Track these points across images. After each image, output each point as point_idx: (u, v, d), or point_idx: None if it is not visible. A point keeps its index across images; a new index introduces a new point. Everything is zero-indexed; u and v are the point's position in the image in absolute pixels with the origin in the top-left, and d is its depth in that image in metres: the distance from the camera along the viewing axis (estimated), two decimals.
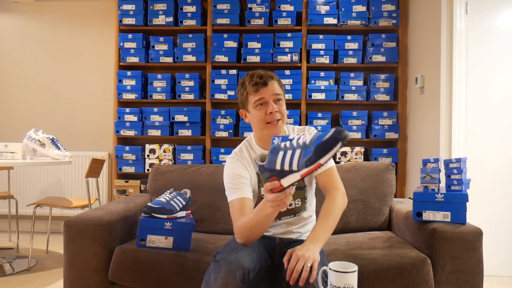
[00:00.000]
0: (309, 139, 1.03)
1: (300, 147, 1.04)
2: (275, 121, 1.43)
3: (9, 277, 2.54)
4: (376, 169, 2.06)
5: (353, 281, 1.22)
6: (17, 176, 3.79)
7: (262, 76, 1.45)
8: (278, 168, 1.06)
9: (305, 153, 1.02)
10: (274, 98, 1.44)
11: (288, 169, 1.05)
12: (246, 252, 1.27)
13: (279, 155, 1.06)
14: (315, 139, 1.02)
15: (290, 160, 1.04)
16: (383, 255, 1.56)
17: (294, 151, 1.05)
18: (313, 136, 1.04)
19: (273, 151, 1.08)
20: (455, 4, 2.64)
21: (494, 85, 2.65)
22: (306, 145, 1.03)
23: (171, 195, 1.68)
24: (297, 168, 1.03)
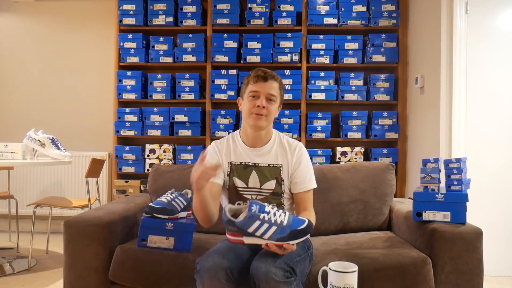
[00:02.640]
0: (286, 222, 1.26)
1: (277, 225, 1.25)
2: (259, 114, 1.50)
3: (9, 277, 2.54)
4: (376, 169, 2.06)
5: (353, 281, 1.22)
6: (17, 176, 3.79)
7: (266, 73, 1.52)
8: (249, 231, 1.24)
9: (280, 232, 1.24)
10: (267, 97, 1.51)
11: (258, 236, 1.24)
12: (222, 254, 1.30)
13: (256, 223, 1.23)
14: (291, 224, 1.26)
15: (264, 231, 1.24)
16: (384, 254, 1.56)
17: (270, 226, 1.24)
18: (289, 221, 1.27)
19: (251, 217, 1.23)
20: (455, 4, 2.64)
21: (494, 85, 2.65)
22: (282, 226, 1.25)
23: (173, 195, 1.68)
24: (267, 240, 1.25)
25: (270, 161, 1.58)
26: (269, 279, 1.18)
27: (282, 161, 1.58)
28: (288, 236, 1.23)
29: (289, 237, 1.23)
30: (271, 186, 1.55)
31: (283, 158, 1.59)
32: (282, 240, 1.23)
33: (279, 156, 1.59)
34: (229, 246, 1.39)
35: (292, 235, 1.24)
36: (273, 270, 1.20)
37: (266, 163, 1.58)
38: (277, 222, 1.24)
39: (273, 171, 1.57)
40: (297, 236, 1.24)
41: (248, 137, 1.60)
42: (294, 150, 1.60)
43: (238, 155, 1.59)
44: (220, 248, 1.36)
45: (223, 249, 1.36)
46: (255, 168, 1.57)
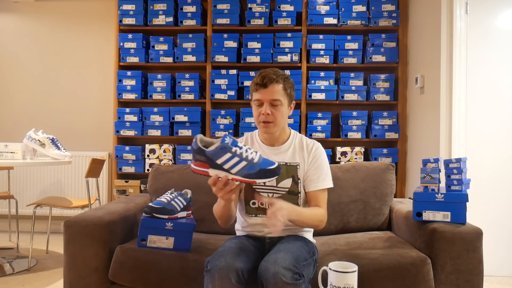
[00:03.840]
0: (256, 159, 1.26)
1: (247, 161, 1.24)
2: (267, 122, 1.50)
3: (9, 277, 2.54)
4: (376, 169, 2.06)
5: (353, 281, 1.22)
6: (17, 176, 3.79)
7: (265, 78, 1.49)
8: (218, 162, 1.23)
9: (248, 168, 1.23)
10: (271, 102, 1.49)
11: (226, 169, 1.24)
12: (235, 254, 1.30)
13: (226, 155, 1.22)
14: (262, 162, 1.26)
15: (233, 165, 1.23)
16: (383, 254, 1.56)
17: (240, 161, 1.23)
18: (260, 159, 1.27)
19: (223, 148, 1.22)
20: (455, 4, 2.64)
21: (494, 85, 2.65)
22: (252, 163, 1.24)
23: (172, 195, 1.68)
24: (234, 175, 1.24)
25: (287, 160, 1.57)
26: (278, 280, 1.18)
27: (299, 160, 1.57)
28: (256, 174, 1.23)
29: (257, 174, 1.23)
30: (287, 184, 1.54)
31: (300, 156, 1.58)
32: (249, 177, 1.23)
33: (296, 155, 1.58)
34: (239, 246, 1.39)
35: (260, 174, 1.23)
36: (282, 271, 1.19)
37: (283, 161, 1.56)
38: (248, 158, 1.24)
39: (289, 169, 1.55)
40: (265, 176, 1.24)
41: (265, 137, 1.61)
42: (311, 148, 1.59)
43: (256, 148, 1.61)
44: (232, 248, 1.35)
45: (235, 249, 1.35)
46: None
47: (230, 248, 1.35)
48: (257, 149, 1.60)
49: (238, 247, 1.38)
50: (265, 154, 1.56)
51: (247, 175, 1.22)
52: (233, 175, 1.23)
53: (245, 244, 1.43)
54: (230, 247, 1.37)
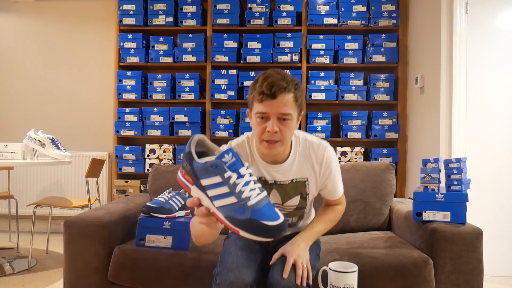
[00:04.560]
0: (253, 201, 0.85)
1: (238, 199, 0.85)
2: (272, 141, 1.22)
3: (9, 277, 2.54)
4: (376, 169, 2.06)
5: (353, 281, 1.22)
6: (17, 176, 3.79)
7: (273, 86, 1.19)
8: (202, 183, 0.88)
9: (236, 209, 0.85)
10: (279, 117, 1.21)
11: (208, 197, 0.88)
12: (244, 266, 1.20)
13: (214, 178, 0.87)
14: (258, 210, 0.85)
15: (218, 195, 0.87)
16: (385, 254, 1.56)
17: (229, 194, 0.86)
18: (258, 204, 0.85)
19: (214, 167, 0.86)
20: (455, 4, 2.64)
21: (494, 85, 2.65)
22: (244, 204, 0.85)
23: (170, 194, 1.68)
24: (216, 208, 0.87)
25: (293, 176, 1.36)
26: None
27: (309, 173, 1.37)
28: (242, 222, 0.84)
29: (243, 223, 0.84)
30: (295, 202, 1.38)
31: (309, 169, 1.37)
32: (232, 222, 0.85)
33: (304, 169, 1.36)
34: (247, 254, 1.27)
35: (249, 225, 0.84)
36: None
37: (288, 179, 1.36)
38: (241, 195, 0.85)
39: (297, 186, 1.37)
40: (254, 230, 0.84)
41: (264, 155, 1.33)
42: (321, 159, 1.36)
43: (256, 169, 1.35)
44: (240, 259, 1.23)
45: (243, 260, 1.23)
46: (276, 186, 1.36)
47: (239, 259, 1.23)
48: (256, 164, 1.35)
49: (246, 256, 1.26)
50: (267, 172, 1.34)
51: (231, 218, 0.85)
52: (215, 209, 0.88)
53: (251, 248, 1.31)
54: (238, 256, 1.24)
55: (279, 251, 1.28)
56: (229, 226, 0.85)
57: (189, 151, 0.93)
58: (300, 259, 1.22)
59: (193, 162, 0.91)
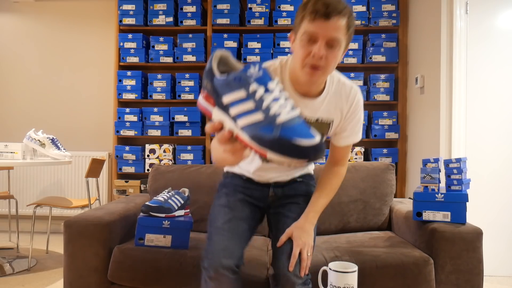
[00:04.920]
0: (282, 118, 0.73)
1: (265, 115, 0.73)
2: (315, 67, 1.12)
3: (9, 277, 2.54)
4: (376, 169, 2.06)
5: (353, 281, 1.22)
6: (17, 176, 3.79)
7: (329, 6, 1.08)
8: (223, 101, 0.77)
9: (263, 128, 0.73)
10: (328, 41, 1.11)
11: (232, 116, 0.77)
12: (230, 248, 1.20)
13: (238, 92, 0.75)
14: (289, 128, 0.72)
15: (242, 113, 0.75)
16: (386, 252, 1.56)
17: (255, 110, 0.74)
18: (290, 121, 0.73)
19: (237, 80, 0.74)
20: (455, 4, 2.64)
21: (494, 85, 2.65)
22: (273, 121, 0.73)
23: (169, 194, 1.68)
24: (239, 129, 0.76)
25: (320, 115, 1.28)
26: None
27: (335, 116, 1.30)
28: (270, 141, 0.72)
29: (271, 143, 0.72)
30: None
31: (337, 112, 1.29)
32: (259, 142, 0.73)
33: (331, 110, 1.29)
34: (236, 229, 1.26)
35: (278, 144, 0.72)
36: (299, 282, 1.19)
37: (314, 117, 1.28)
38: (269, 111, 0.73)
39: (321, 127, 1.31)
40: (285, 151, 0.71)
41: (298, 83, 1.23)
42: (352, 101, 1.30)
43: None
44: (227, 239, 1.23)
45: (231, 239, 1.23)
46: None
47: (225, 240, 1.23)
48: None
49: (233, 230, 1.26)
50: (294, 104, 1.17)
51: (257, 138, 0.73)
52: (238, 130, 0.77)
53: (240, 217, 1.31)
54: (224, 235, 1.24)
55: (286, 232, 1.28)
56: (255, 148, 0.74)
57: (210, 67, 0.80)
58: (306, 249, 1.24)
59: (214, 79, 0.79)
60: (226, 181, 1.48)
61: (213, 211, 1.38)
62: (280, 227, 1.34)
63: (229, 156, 0.82)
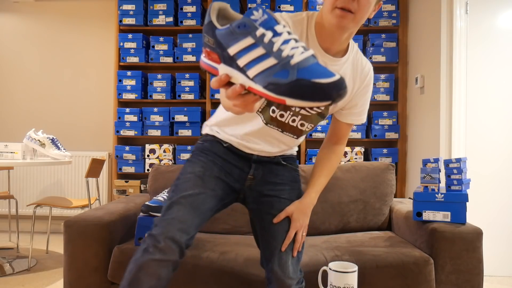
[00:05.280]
0: (298, 58, 0.67)
1: (278, 59, 0.67)
2: (346, 10, 1.04)
3: (9, 277, 2.54)
4: (376, 169, 2.06)
5: (353, 281, 1.22)
6: (17, 176, 3.79)
7: None
8: (230, 52, 0.70)
9: (278, 74, 0.67)
10: None
11: (241, 67, 0.70)
12: (191, 220, 1.12)
13: (245, 40, 0.69)
14: (305, 68, 0.66)
15: (252, 60, 0.69)
16: (386, 252, 1.56)
17: (266, 56, 0.68)
18: (304, 61, 0.67)
19: (242, 27, 0.69)
20: (455, 4, 2.64)
21: (494, 85, 2.66)
22: (287, 64, 0.67)
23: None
24: (251, 81, 0.70)
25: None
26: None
27: (349, 83, 1.23)
28: (288, 86, 0.65)
29: (290, 88, 0.65)
30: (321, 108, 1.21)
31: (350, 80, 1.24)
32: (275, 91, 0.67)
33: (347, 75, 1.22)
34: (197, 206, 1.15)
35: (296, 87, 0.65)
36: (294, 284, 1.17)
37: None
38: (281, 53, 0.68)
39: None
40: (304, 94, 0.65)
41: (323, 34, 1.15)
42: (366, 74, 1.26)
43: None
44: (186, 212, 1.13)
45: (189, 213, 1.13)
46: None
47: (186, 213, 1.13)
48: (309, 45, 1.16)
49: (198, 207, 1.15)
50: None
51: (272, 86, 0.67)
52: (250, 81, 0.70)
53: (210, 195, 1.19)
54: (186, 210, 1.13)
55: (286, 210, 1.23)
56: (271, 97, 0.67)
57: (209, 20, 0.73)
58: (301, 230, 1.22)
59: (215, 31, 0.72)
60: (205, 146, 1.31)
61: (183, 175, 1.23)
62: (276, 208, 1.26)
63: (241, 109, 0.76)
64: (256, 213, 1.30)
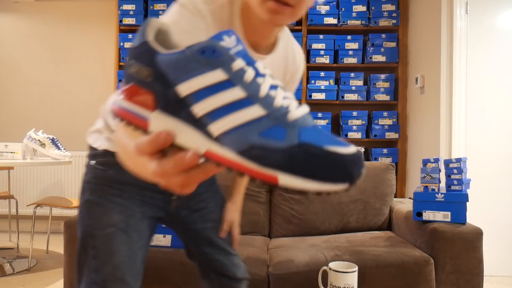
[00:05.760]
0: (297, 113, 0.43)
1: (269, 109, 0.42)
2: (283, 4, 0.72)
3: (9, 277, 2.54)
4: (376, 169, 2.06)
5: (353, 281, 1.22)
6: (17, 176, 3.79)
7: None
8: (179, 93, 0.43)
9: (270, 132, 0.41)
10: None
11: (198, 117, 0.42)
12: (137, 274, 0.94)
13: (212, 75, 0.42)
14: (308, 129, 0.42)
15: (221, 109, 0.42)
16: (387, 252, 1.57)
17: (248, 101, 0.42)
18: (305, 117, 0.44)
19: (209, 54, 0.43)
20: (455, 4, 2.64)
21: (494, 85, 2.66)
22: (283, 118, 0.42)
23: None
24: (215, 136, 0.42)
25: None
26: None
27: (278, 75, 1.01)
28: (288, 154, 0.40)
29: (290, 158, 0.39)
30: None
31: (280, 72, 1.01)
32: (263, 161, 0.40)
33: (276, 70, 0.98)
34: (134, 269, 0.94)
35: (301, 158, 0.39)
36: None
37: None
38: (272, 102, 0.42)
39: None
40: (313, 169, 0.39)
41: (251, 26, 0.84)
42: (297, 68, 1.08)
43: None
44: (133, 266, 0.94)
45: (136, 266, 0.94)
46: None
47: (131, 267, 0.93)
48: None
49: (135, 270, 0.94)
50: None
51: (258, 152, 0.40)
52: (212, 143, 0.42)
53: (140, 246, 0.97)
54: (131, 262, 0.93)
55: (227, 220, 1.16)
56: (251, 171, 0.40)
57: (143, 41, 0.45)
58: (237, 225, 1.21)
59: (156, 57, 0.44)
60: (109, 175, 0.96)
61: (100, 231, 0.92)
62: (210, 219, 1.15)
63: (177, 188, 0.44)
64: (191, 232, 1.15)
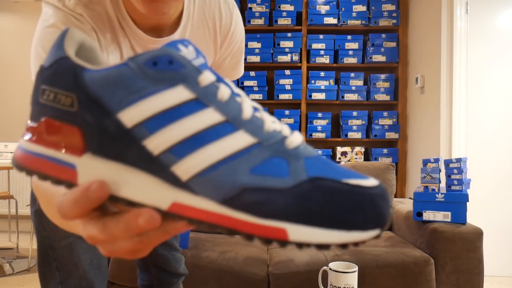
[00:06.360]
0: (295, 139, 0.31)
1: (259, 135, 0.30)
2: None
3: (9, 277, 2.54)
4: (376, 169, 2.06)
5: (353, 281, 1.22)
6: (17, 176, 3.78)
7: None
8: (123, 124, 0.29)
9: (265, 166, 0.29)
10: None
11: (156, 155, 0.29)
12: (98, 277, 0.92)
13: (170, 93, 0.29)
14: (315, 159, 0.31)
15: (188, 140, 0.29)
16: (387, 252, 1.57)
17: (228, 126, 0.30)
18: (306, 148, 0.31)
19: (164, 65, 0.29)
20: (455, 4, 2.64)
21: (494, 85, 2.65)
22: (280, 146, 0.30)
23: None
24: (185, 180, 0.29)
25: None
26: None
27: (207, 51, 0.82)
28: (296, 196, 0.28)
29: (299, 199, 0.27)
30: None
31: (207, 42, 0.81)
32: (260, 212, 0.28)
33: (199, 42, 0.79)
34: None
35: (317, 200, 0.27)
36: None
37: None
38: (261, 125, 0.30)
39: None
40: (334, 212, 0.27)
41: (141, 18, 0.70)
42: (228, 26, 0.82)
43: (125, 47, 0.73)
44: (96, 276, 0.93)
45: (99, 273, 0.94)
46: None
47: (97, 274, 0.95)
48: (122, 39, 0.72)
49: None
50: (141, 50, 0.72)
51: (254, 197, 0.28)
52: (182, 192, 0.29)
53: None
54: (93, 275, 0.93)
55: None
56: (247, 225, 0.30)
57: (60, 57, 0.31)
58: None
59: (84, 76, 0.30)
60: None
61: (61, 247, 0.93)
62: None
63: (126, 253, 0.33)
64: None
